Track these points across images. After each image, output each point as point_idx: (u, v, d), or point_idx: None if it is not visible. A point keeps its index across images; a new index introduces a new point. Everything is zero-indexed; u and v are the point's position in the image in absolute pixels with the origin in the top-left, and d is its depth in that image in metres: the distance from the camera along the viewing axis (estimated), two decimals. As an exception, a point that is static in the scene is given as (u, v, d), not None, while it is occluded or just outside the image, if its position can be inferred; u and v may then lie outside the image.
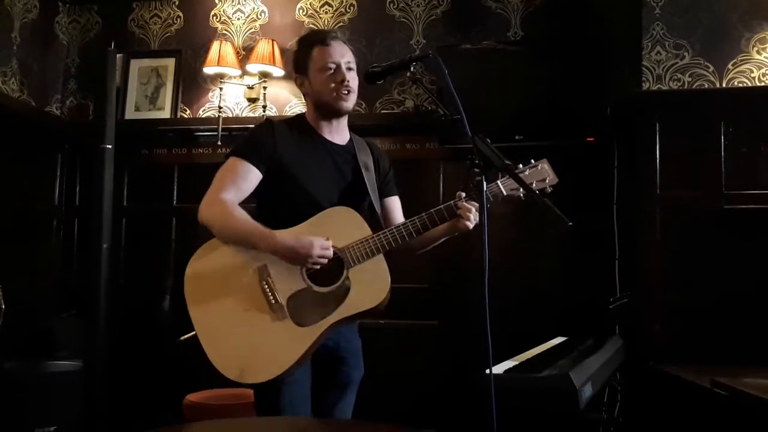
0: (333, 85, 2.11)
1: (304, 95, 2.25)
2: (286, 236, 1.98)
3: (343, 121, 2.23)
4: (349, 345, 2.18)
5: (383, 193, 2.27)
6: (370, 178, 2.20)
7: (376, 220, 2.19)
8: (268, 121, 2.18)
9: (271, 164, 2.07)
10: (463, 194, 2.11)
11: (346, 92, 2.12)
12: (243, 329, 1.97)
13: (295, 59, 2.22)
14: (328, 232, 2.02)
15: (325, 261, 1.97)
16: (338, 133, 2.22)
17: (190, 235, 4.10)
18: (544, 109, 3.54)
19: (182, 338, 2.02)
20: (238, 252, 2.01)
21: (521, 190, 2.04)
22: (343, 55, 2.14)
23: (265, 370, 1.94)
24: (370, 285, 2.04)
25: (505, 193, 2.08)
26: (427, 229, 2.06)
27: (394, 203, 2.29)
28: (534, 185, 2.10)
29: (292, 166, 2.08)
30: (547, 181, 2.14)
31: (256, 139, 2.11)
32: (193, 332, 1.97)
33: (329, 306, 1.99)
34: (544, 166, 2.16)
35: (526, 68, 3.68)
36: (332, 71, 2.12)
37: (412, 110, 3.99)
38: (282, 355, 1.95)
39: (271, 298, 1.98)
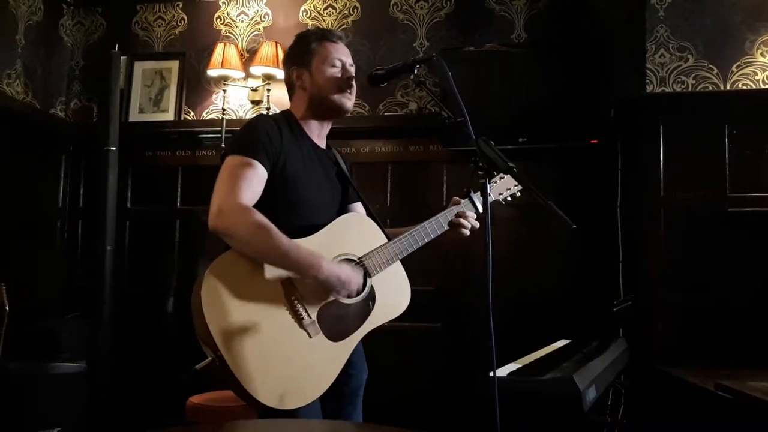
0: (340, 81, 2.05)
1: (297, 90, 2.12)
2: (332, 267, 1.85)
3: (328, 127, 2.16)
4: (356, 347, 2.11)
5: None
6: (354, 184, 2.18)
7: None
8: (268, 116, 2.07)
9: (275, 164, 1.92)
10: (461, 200, 2.16)
11: (350, 91, 2.07)
12: (278, 351, 1.78)
13: (294, 51, 2.13)
14: (346, 241, 1.98)
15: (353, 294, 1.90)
16: (322, 137, 2.15)
17: (193, 237, 4.12)
18: (548, 111, 3.53)
19: (198, 366, 1.76)
20: (259, 265, 1.82)
21: (501, 195, 2.23)
22: (348, 56, 2.11)
23: (307, 392, 1.81)
24: (394, 292, 2.03)
25: (493, 198, 2.18)
26: (435, 233, 2.09)
27: (361, 208, 2.25)
28: (508, 192, 2.25)
29: (293, 169, 1.96)
30: (513, 188, 2.26)
31: (263, 135, 1.92)
32: (209, 359, 1.77)
33: (358, 317, 1.93)
34: (507, 176, 2.25)
35: (530, 70, 3.68)
36: (339, 68, 2.07)
37: (415, 113, 3.99)
38: (321, 375, 1.85)
39: (302, 314, 1.83)
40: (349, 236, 1.99)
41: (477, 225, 2.15)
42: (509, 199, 2.27)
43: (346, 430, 1.93)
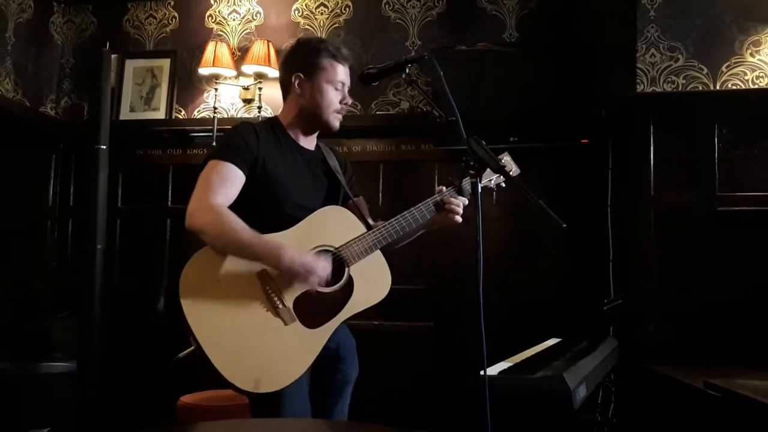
0: (337, 104, 2.14)
1: (291, 95, 2.18)
2: (295, 253, 1.91)
3: (315, 132, 2.25)
4: (348, 343, 2.20)
5: (352, 194, 2.29)
6: (342, 181, 2.24)
7: None
8: (248, 123, 2.14)
9: (254, 167, 2.03)
10: (444, 188, 2.19)
11: (343, 114, 2.18)
12: (252, 338, 1.88)
13: (302, 58, 2.17)
14: (323, 233, 2.05)
15: (324, 280, 1.95)
16: (310, 140, 2.24)
17: (184, 236, 4.09)
18: (539, 111, 3.55)
19: (180, 355, 1.90)
20: (234, 258, 1.93)
21: (492, 182, 2.24)
22: (348, 79, 2.19)
23: (282, 376, 1.88)
24: (373, 280, 2.08)
25: (483, 183, 2.20)
26: (418, 222, 2.13)
27: (362, 203, 2.30)
28: (499, 178, 2.24)
29: (275, 170, 2.06)
30: (512, 172, 2.27)
31: (239, 141, 2.04)
32: (191, 348, 1.88)
33: (336, 305, 2.00)
34: (507, 158, 2.29)
35: (521, 70, 3.69)
36: (340, 90, 2.15)
37: (407, 112, 4.00)
38: (297, 359, 1.92)
39: (278, 302, 1.92)
40: (328, 228, 2.06)
41: (461, 207, 2.16)
42: (502, 185, 2.28)
43: (328, 428, 1.98)
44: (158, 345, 3.83)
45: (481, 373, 1.63)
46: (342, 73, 2.15)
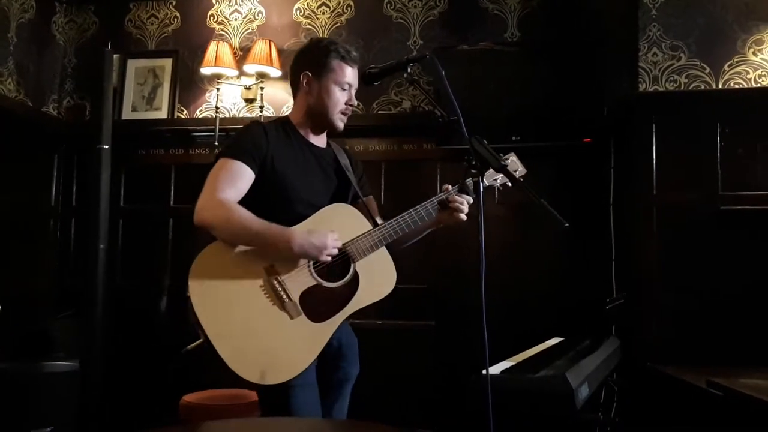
0: (342, 104, 2.18)
1: (300, 93, 2.23)
2: (301, 232, 1.97)
3: (325, 129, 2.28)
4: (350, 341, 2.23)
5: (362, 193, 2.32)
6: (353, 179, 2.27)
7: None
8: (258, 122, 2.19)
9: (263, 165, 2.07)
10: (450, 187, 2.21)
11: (348, 115, 2.21)
12: (259, 331, 1.93)
13: (312, 57, 2.21)
14: (330, 229, 2.06)
15: (336, 252, 2.00)
16: (321, 138, 2.28)
17: (187, 236, 4.11)
18: (541, 110, 3.54)
19: (188, 348, 1.94)
20: (242, 253, 1.98)
21: (497, 181, 2.26)
22: (356, 81, 2.22)
23: (287, 368, 1.92)
24: (378, 276, 2.11)
25: (487, 183, 2.23)
26: (424, 221, 2.16)
27: (372, 202, 2.33)
28: (503, 179, 2.26)
29: (284, 168, 2.10)
30: (517, 172, 2.30)
31: (248, 139, 2.08)
32: (199, 341, 1.91)
33: (341, 300, 2.03)
34: (513, 159, 2.32)
35: (523, 69, 3.69)
36: (346, 91, 2.19)
37: (409, 111, 3.99)
38: (302, 352, 1.96)
39: (284, 296, 1.96)
40: (334, 224, 2.08)
41: (466, 204, 2.18)
42: (508, 184, 2.28)
43: (331, 427, 2.01)
44: (160, 344, 3.84)
45: (484, 372, 1.63)
46: (350, 74, 2.19)
